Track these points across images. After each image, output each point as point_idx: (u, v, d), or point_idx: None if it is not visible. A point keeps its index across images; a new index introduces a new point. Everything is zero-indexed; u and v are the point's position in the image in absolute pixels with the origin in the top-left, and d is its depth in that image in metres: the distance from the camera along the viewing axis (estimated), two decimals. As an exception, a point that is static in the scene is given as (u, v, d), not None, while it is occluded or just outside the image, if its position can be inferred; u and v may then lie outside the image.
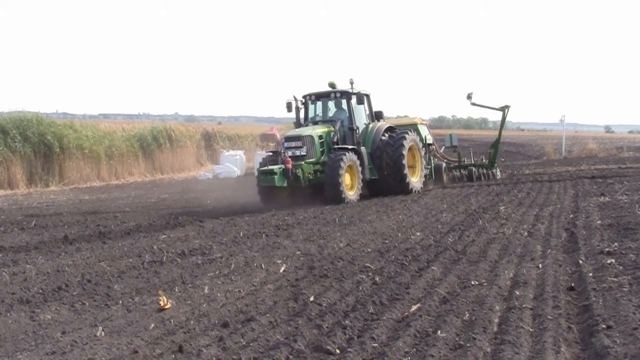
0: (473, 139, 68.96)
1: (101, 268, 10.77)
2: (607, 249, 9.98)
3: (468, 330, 6.47)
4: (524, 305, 7.18)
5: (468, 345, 5.93)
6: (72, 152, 30.76)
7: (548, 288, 7.93)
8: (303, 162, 19.61)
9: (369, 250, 11.27)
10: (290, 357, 5.94)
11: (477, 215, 14.99)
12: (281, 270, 9.83)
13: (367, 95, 21.92)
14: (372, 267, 9.71)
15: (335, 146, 20.27)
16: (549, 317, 6.69)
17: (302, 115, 21.80)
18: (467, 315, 6.99)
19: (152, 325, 7.11)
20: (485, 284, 8.37)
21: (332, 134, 20.57)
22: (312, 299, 8.02)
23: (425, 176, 22.70)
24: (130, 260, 11.43)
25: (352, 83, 21.08)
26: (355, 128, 20.98)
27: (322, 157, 19.99)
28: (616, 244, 10.42)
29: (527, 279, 8.46)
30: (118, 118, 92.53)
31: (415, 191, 21.18)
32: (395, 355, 5.83)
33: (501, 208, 15.95)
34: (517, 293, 7.77)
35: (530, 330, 6.38)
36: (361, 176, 20.15)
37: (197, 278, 9.72)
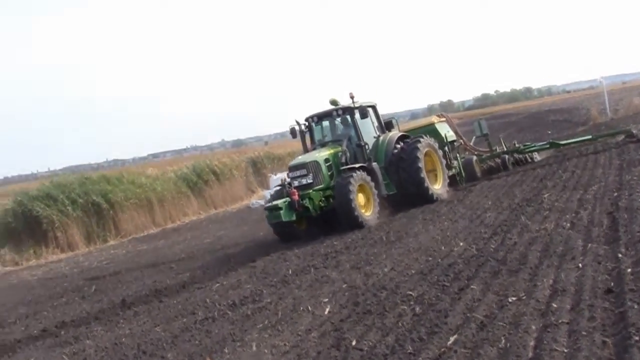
0: (520, 111, 67.89)
1: (156, 334, 11.03)
2: (649, 237, 9.85)
3: (503, 358, 6.50)
4: (560, 321, 7.17)
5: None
6: (122, 205, 31.34)
7: (585, 294, 7.89)
8: (311, 191, 18.65)
9: (413, 272, 11.30)
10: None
11: (520, 209, 14.90)
12: (326, 312, 9.95)
13: (373, 107, 21.04)
14: (413, 294, 9.75)
15: (343, 167, 19.15)
16: (583, 332, 6.67)
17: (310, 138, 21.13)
18: (503, 341, 6.99)
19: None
20: (524, 297, 8.36)
21: (339, 154, 19.49)
22: (354, 343, 8.11)
23: (453, 176, 22.10)
24: (184, 320, 11.66)
25: (352, 97, 20.14)
26: (363, 144, 20.04)
27: (332, 181, 18.91)
28: (658, 228, 10.27)
29: (566, 285, 8.43)
30: (167, 155, 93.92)
31: (439, 199, 19.95)
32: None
33: (545, 196, 15.81)
34: (555, 305, 7.75)
35: (565, 351, 6.37)
36: (376, 193, 18.96)
37: (247, 332, 9.88)
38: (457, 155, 23.62)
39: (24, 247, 28.28)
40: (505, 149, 25.41)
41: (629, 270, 8.42)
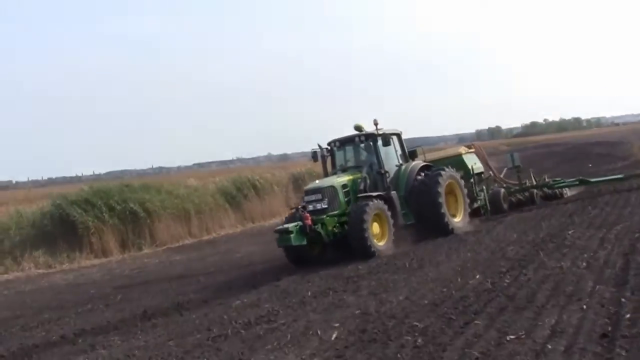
0: (566, 142, 67.35)
1: (168, 348, 11.28)
2: (655, 278, 9.91)
3: (488, 399, 6.63)
4: (553, 363, 7.28)
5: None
6: (159, 214, 31.78)
7: (581, 337, 7.99)
8: (325, 216, 18.35)
9: (425, 302, 11.42)
10: None
11: (542, 245, 14.94)
12: (333, 338, 10.11)
13: (398, 135, 20.91)
14: (420, 325, 9.88)
15: (361, 194, 18.94)
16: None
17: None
18: (496, 378, 7.12)
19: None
20: (522, 336, 8.47)
21: (358, 181, 19.37)
22: (355, 371, 8.29)
23: (478, 208, 21.97)
24: (198, 336, 11.90)
25: (376, 124, 20.01)
26: (384, 172, 19.78)
27: (349, 208, 18.66)
28: (668, 271, 10.32)
29: (566, 327, 8.52)
30: (212, 166, 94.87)
31: (457, 232, 19.63)
32: None
33: (569, 233, 15.84)
34: (549, 347, 7.85)
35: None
36: (393, 223, 18.66)
37: (255, 352, 10.08)
38: (484, 187, 23.43)
39: (59, 251, 28.76)
40: (534, 183, 25.19)
41: (628, 315, 8.50)
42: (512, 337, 8.53)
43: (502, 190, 24.05)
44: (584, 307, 9.33)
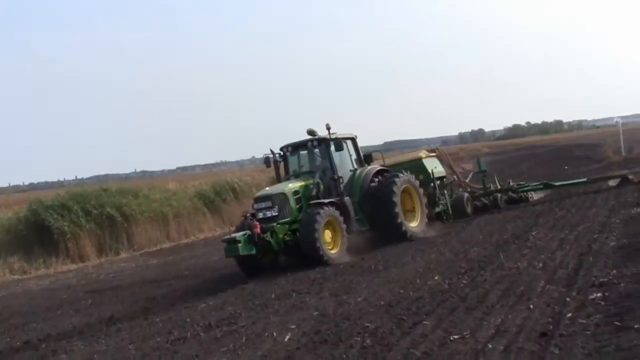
0: (548, 144, 67.81)
1: (128, 352, 11.37)
2: (602, 279, 10.10)
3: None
4: (487, 362, 7.42)
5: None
6: (137, 218, 31.80)
7: (522, 336, 8.13)
8: (275, 224, 17.87)
9: (382, 303, 11.53)
10: None
11: (504, 246, 15.13)
12: (286, 339, 10.22)
13: (352, 139, 20.54)
14: (371, 326, 10.00)
15: (312, 201, 18.49)
16: (501, 375, 6.92)
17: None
18: (430, 379, 7.25)
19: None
20: (467, 335, 8.60)
21: (311, 186, 18.91)
22: (299, 372, 8.41)
23: (440, 213, 22.00)
24: (159, 339, 11.98)
25: (328, 128, 19.43)
26: (337, 177, 19.25)
27: (300, 215, 18.27)
28: (615, 271, 10.51)
29: (509, 326, 8.66)
30: (196, 169, 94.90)
31: (414, 237, 19.29)
32: None
33: (532, 234, 16.02)
34: (490, 346, 7.98)
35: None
36: (346, 230, 18.25)
37: (210, 355, 10.18)
38: (446, 192, 23.28)
39: (34, 257, 28.70)
40: (498, 188, 24.93)
41: (569, 315, 8.65)
42: (456, 336, 8.66)
43: (466, 194, 23.91)
44: (531, 306, 9.48)
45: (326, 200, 18.35)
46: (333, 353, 8.99)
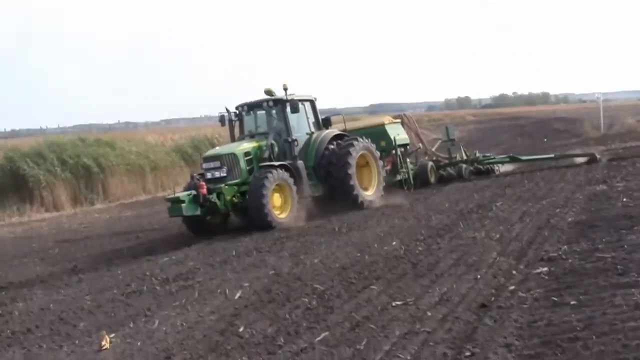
0: (531, 116, 67.91)
1: (83, 302, 11.43)
2: (551, 254, 10.21)
3: (352, 360, 6.86)
4: (422, 329, 7.51)
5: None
6: (114, 170, 31.78)
7: (462, 306, 8.24)
8: (223, 185, 17.35)
9: (337, 265, 11.64)
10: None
11: (467, 215, 15.23)
12: (236, 297, 10.32)
13: (311, 102, 19.88)
14: (320, 288, 10.11)
15: (263, 163, 17.95)
16: (431, 343, 7.02)
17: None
18: (364, 342, 7.34)
19: (75, 370, 7.70)
20: (410, 302, 8.71)
21: (264, 148, 18.39)
22: (241, 329, 8.49)
23: (401, 181, 21.75)
24: (115, 291, 12.06)
25: (285, 89, 18.86)
26: (291, 140, 18.74)
27: (250, 177, 17.65)
28: (566, 247, 10.63)
29: (452, 296, 8.77)
30: (180, 123, 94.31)
31: (369, 206, 18.87)
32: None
33: (497, 205, 16.13)
34: (429, 314, 8.10)
35: (407, 359, 6.71)
36: (297, 194, 17.72)
37: (160, 309, 10.26)
38: (409, 160, 22.86)
39: (8, 204, 28.69)
40: (464, 158, 24.44)
41: (512, 287, 8.77)
42: (399, 303, 8.77)
43: (430, 163, 23.61)
44: (478, 277, 9.59)
45: (277, 163, 17.82)
46: (278, 312, 9.10)
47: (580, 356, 6.05)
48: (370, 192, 19.57)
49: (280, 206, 17.51)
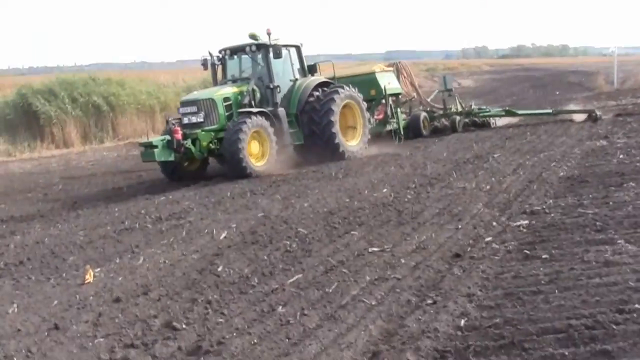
0: (548, 68, 67.22)
1: (76, 237, 11.67)
2: (535, 208, 10.27)
3: (318, 302, 7.02)
4: (393, 276, 7.65)
5: (291, 322, 6.49)
6: (124, 109, 31.98)
7: (436, 255, 8.37)
8: (199, 131, 16.94)
9: (325, 210, 11.77)
10: (139, 333, 6.63)
11: (462, 165, 15.28)
12: (222, 237, 10.50)
13: (297, 47, 19.26)
14: (304, 231, 10.25)
15: (242, 109, 17.46)
16: (398, 289, 7.17)
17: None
18: (334, 286, 7.49)
19: (55, 302, 7.90)
20: (387, 249, 8.84)
21: (244, 94, 17.80)
22: (220, 268, 8.68)
23: (391, 132, 21.31)
24: (109, 228, 12.30)
25: (269, 34, 18.17)
26: (273, 86, 18.09)
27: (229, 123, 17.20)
28: (551, 201, 10.67)
29: (430, 245, 8.89)
30: (197, 63, 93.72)
31: (351, 157, 18.46)
32: (231, 329, 6.43)
33: (495, 156, 16.13)
34: (402, 261, 8.23)
35: (372, 304, 6.86)
36: (274, 142, 17.31)
37: (148, 246, 10.47)
38: (400, 109, 22.15)
39: (20, 140, 29.11)
40: (458, 110, 23.63)
41: (488, 239, 8.87)
42: (375, 249, 8.90)
43: (424, 114, 22.98)
44: (459, 227, 9.69)
45: (255, 110, 17.43)
46: (258, 253, 9.27)
47: (539, 309, 6.14)
48: (354, 143, 19.19)
49: (258, 154, 17.19)
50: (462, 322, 6.04)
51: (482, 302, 6.53)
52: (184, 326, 6.65)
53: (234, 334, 6.32)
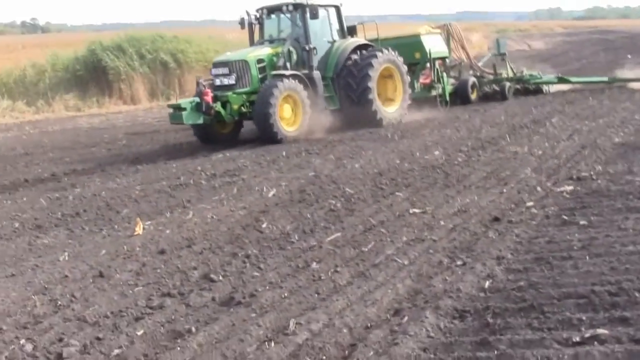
0: (624, 31, 65.33)
1: (132, 191, 12.10)
2: (583, 174, 10.18)
3: (351, 260, 7.20)
4: (429, 237, 7.76)
5: (322, 278, 6.69)
6: (191, 66, 32.40)
7: (475, 219, 8.43)
8: (230, 93, 16.50)
9: (375, 171, 11.86)
10: (178, 283, 6.92)
11: (518, 130, 15.19)
12: (270, 195, 10.73)
13: (336, 7, 18.40)
14: (350, 191, 10.40)
15: (275, 72, 16.80)
16: (431, 250, 7.28)
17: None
18: (371, 245, 7.65)
19: (103, 251, 8.25)
20: (428, 211, 8.95)
21: (279, 55, 17.21)
22: (264, 225, 8.91)
23: (435, 97, 20.46)
24: (164, 183, 12.68)
25: None
26: (309, 48, 17.42)
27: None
28: (600, 167, 10.56)
29: (471, 207, 8.94)
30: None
31: (388, 123, 17.82)
32: (265, 282, 6.66)
33: (552, 120, 15.99)
34: (442, 223, 8.35)
35: (403, 264, 7.00)
36: (308, 105, 16.67)
37: (199, 202, 10.77)
38: (445, 74, 21.21)
39: (89, 96, 29.92)
40: (508, 76, 22.53)
41: (530, 204, 8.87)
42: (417, 210, 9.01)
43: (472, 79, 22.04)
44: (504, 191, 9.71)
45: (288, 73, 16.74)
46: (302, 211, 9.47)
47: (565, 274, 6.17)
48: (392, 109, 18.43)
49: (290, 118, 16.70)
50: (487, 283, 6.12)
51: (510, 266, 6.60)
52: (220, 278, 6.89)
53: (267, 287, 6.53)
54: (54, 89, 30.01)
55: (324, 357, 5.05)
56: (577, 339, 4.81)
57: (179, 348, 5.31)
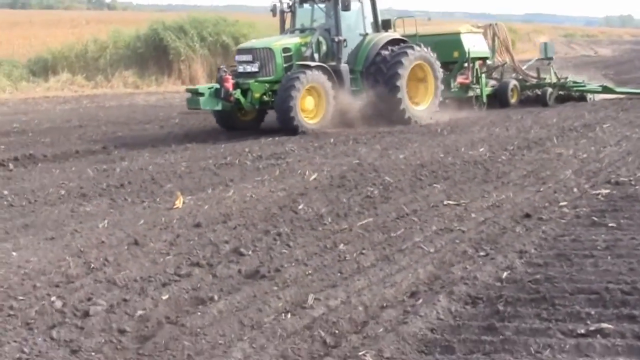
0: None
1: (178, 167, 12.48)
2: (622, 178, 10.15)
3: (379, 244, 7.38)
4: (458, 228, 7.90)
5: (347, 259, 6.89)
6: (250, 51, 32.76)
7: (507, 214, 8.52)
8: (252, 81, 16.20)
9: (417, 162, 11.96)
10: (208, 255, 7.17)
11: (567, 132, 15.11)
12: (311, 179, 10.93)
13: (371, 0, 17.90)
14: (389, 180, 10.54)
15: (301, 62, 16.53)
16: (457, 241, 7.41)
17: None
18: (400, 231, 7.81)
19: (142, 221, 8.55)
20: (462, 203, 9.07)
21: (307, 45, 16.84)
22: (300, 206, 9.12)
23: (472, 98, 19.92)
24: (210, 161, 13.02)
25: None
26: (339, 40, 16.98)
27: None
28: (640, 174, 10.57)
29: (505, 203, 9.04)
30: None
31: (417, 122, 17.39)
32: (291, 259, 6.88)
33: (604, 126, 15.86)
34: (473, 215, 8.46)
35: (428, 251, 7.15)
36: (332, 101, 16.35)
37: (242, 181, 11.05)
38: (484, 75, 20.48)
39: (148, 74, 30.53)
40: (551, 81, 21.43)
41: (563, 203, 8.92)
42: (451, 202, 9.13)
43: (513, 82, 21.24)
44: (540, 190, 9.75)
45: (313, 64, 16.41)
46: (340, 197, 9.66)
47: (584, 272, 6.25)
48: (422, 107, 17.96)
49: (312, 110, 16.37)
50: (505, 274, 6.24)
51: (531, 260, 6.70)
52: (249, 253, 7.13)
53: (292, 263, 6.75)
54: (114, 65, 30.70)
55: (336, 331, 5.25)
56: (582, 331, 4.94)
57: (199, 313, 5.56)
